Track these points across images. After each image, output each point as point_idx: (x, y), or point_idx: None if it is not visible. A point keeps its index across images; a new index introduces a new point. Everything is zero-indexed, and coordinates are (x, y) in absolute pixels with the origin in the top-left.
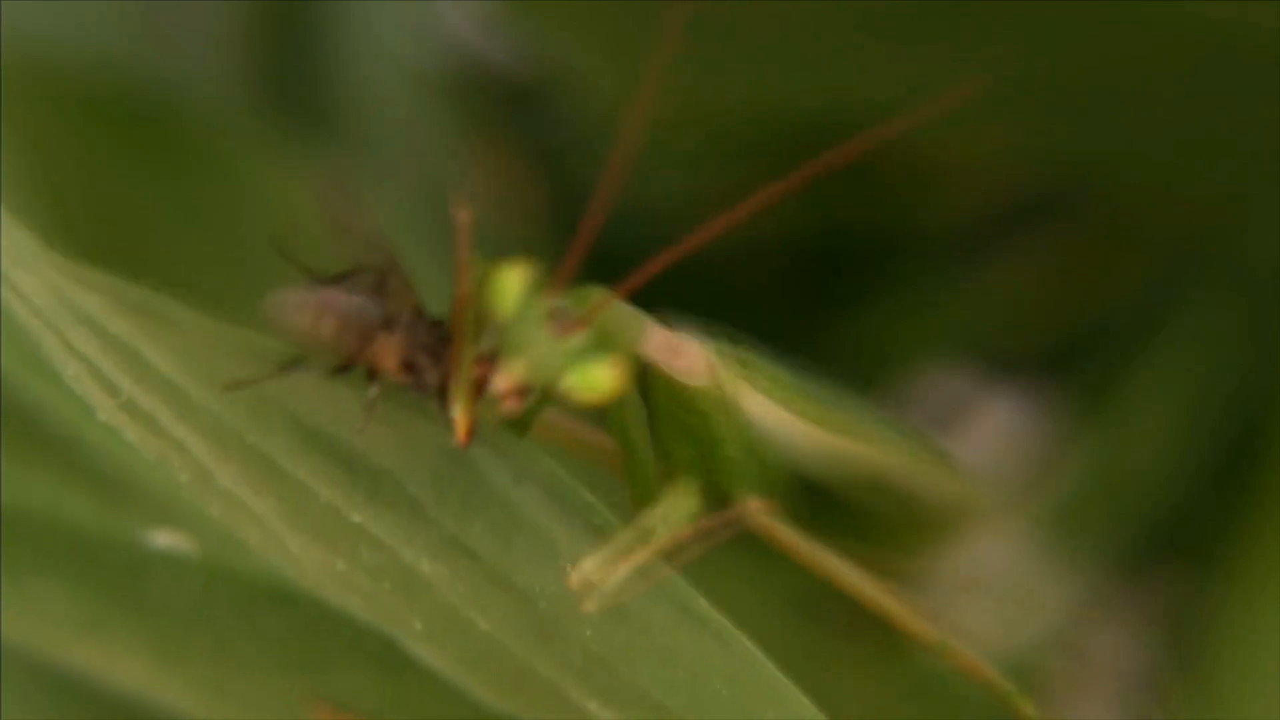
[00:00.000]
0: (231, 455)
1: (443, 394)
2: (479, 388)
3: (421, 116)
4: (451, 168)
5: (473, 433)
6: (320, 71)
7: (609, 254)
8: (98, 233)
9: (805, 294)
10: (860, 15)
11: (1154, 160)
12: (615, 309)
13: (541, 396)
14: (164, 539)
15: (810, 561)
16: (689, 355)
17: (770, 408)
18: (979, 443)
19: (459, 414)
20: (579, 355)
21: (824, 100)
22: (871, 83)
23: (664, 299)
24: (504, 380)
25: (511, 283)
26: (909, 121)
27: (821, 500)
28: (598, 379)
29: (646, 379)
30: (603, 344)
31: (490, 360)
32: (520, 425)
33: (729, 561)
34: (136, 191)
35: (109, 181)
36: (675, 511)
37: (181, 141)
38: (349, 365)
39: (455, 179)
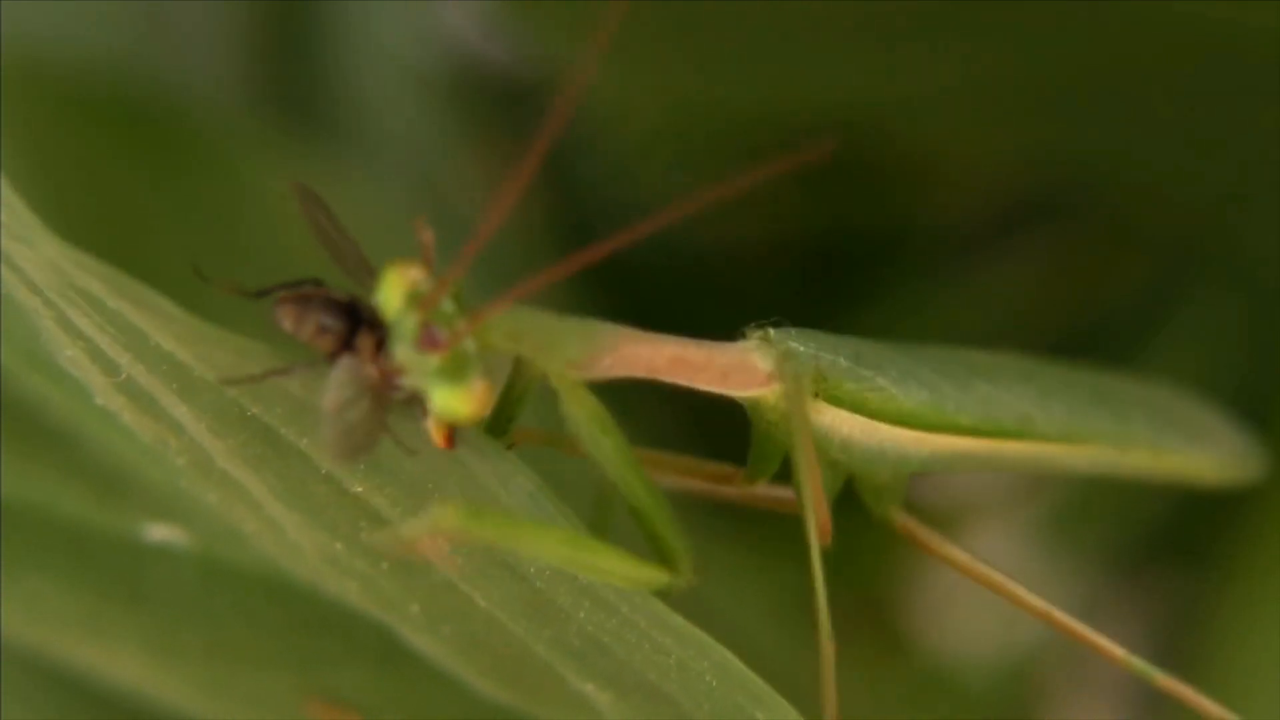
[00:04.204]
0: (232, 429)
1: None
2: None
3: (422, 116)
4: (451, 168)
5: (453, 438)
6: (320, 72)
7: (612, 253)
8: (98, 232)
9: (805, 294)
10: (862, 16)
11: (1154, 160)
12: (534, 323)
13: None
14: (160, 533)
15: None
16: (722, 368)
17: (848, 419)
18: None
19: (432, 428)
20: (438, 377)
21: (827, 100)
22: (873, 83)
23: (664, 299)
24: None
25: (392, 286)
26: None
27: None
28: (450, 405)
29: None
30: (473, 365)
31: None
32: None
33: (730, 560)
34: (136, 191)
35: (109, 181)
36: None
37: (181, 142)
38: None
39: (455, 179)
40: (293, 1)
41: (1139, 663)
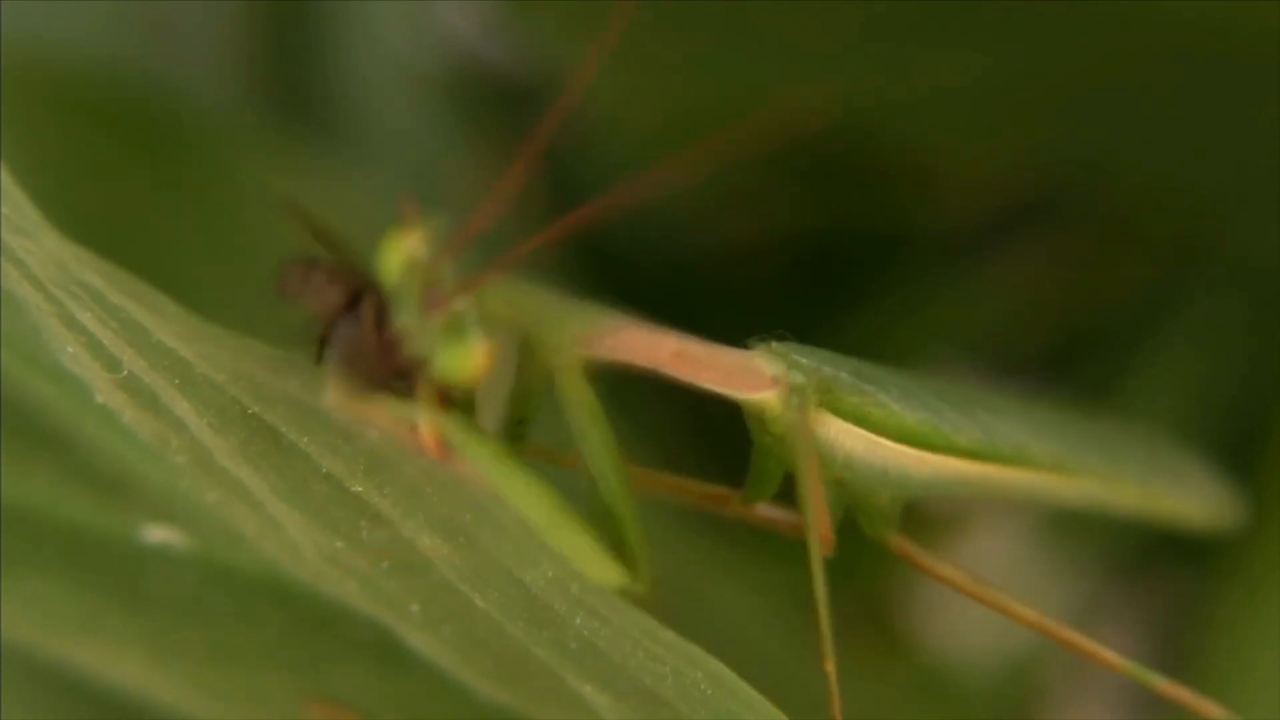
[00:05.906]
0: (233, 427)
1: (403, 377)
2: (440, 400)
3: (421, 116)
4: (451, 168)
5: (446, 449)
6: (320, 72)
7: (612, 252)
8: (98, 232)
9: (806, 294)
10: (863, 18)
11: (1153, 161)
12: (537, 295)
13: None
14: (160, 535)
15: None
16: (725, 368)
17: (851, 433)
18: None
19: (425, 434)
20: (440, 336)
21: (828, 101)
22: (873, 84)
23: (663, 300)
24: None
25: (394, 251)
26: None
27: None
28: (456, 362)
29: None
30: (476, 325)
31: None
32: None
33: (729, 560)
34: (136, 191)
35: (108, 181)
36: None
37: (181, 142)
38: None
39: (455, 179)
40: (293, 1)
41: (1139, 670)
